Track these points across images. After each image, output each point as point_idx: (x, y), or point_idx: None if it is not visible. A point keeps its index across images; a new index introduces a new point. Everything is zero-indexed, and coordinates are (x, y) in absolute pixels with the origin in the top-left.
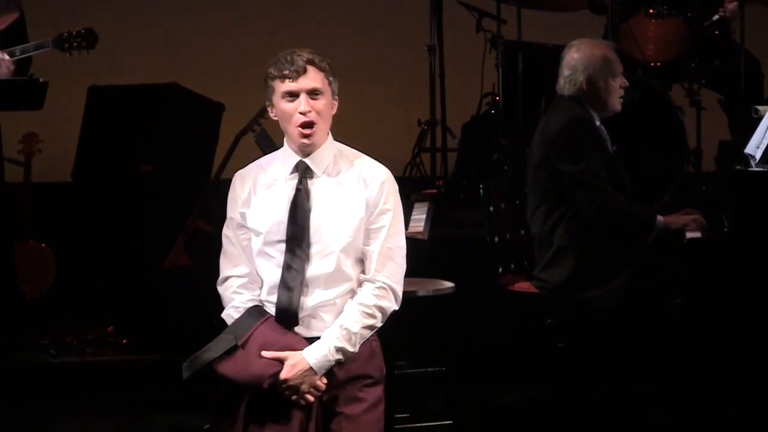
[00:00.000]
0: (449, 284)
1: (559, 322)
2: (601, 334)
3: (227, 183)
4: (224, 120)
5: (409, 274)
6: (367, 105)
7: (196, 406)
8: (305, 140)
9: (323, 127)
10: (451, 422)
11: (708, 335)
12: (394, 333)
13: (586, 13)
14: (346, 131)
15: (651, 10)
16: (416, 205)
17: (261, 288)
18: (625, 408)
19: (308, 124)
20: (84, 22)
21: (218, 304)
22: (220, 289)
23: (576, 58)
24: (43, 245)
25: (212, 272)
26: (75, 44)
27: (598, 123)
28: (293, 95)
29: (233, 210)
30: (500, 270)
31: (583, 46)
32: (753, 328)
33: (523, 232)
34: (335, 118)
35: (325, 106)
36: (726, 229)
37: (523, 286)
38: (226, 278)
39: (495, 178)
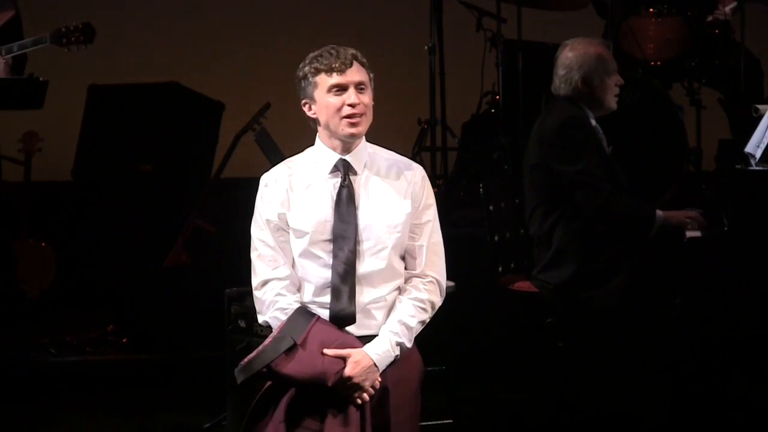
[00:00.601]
0: (449, 283)
1: (559, 321)
2: (601, 333)
3: (227, 182)
4: (224, 119)
5: None
6: None
7: (196, 405)
8: (353, 129)
9: (369, 120)
10: (451, 421)
11: (708, 334)
12: None
13: (586, 11)
14: None
15: (651, 9)
16: None
17: (300, 290)
18: (625, 407)
19: (355, 115)
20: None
21: (218, 304)
22: (259, 293)
23: (570, 57)
24: (43, 244)
25: (212, 271)
26: (73, 39)
27: (593, 123)
28: (342, 88)
29: (270, 212)
30: (500, 269)
31: (577, 45)
32: (753, 327)
33: (523, 231)
34: None
35: (370, 101)
36: (726, 229)
37: (523, 285)
38: (266, 281)
39: (495, 177)
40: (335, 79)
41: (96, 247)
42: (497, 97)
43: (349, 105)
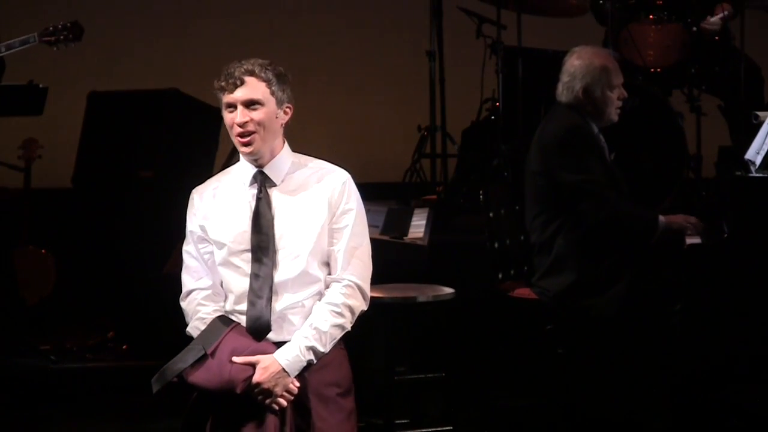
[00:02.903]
0: (449, 290)
1: (559, 328)
2: (601, 340)
3: None
4: (224, 125)
5: (408, 279)
6: (368, 111)
7: None
8: (244, 149)
9: (265, 136)
10: (450, 428)
11: (708, 341)
12: (394, 338)
13: (585, 18)
14: (346, 137)
15: (651, 16)
16: (416, 211)
17: (225, 300)
18: (626, 414)
19: (244, 134)
20: (84, 28)
21: None
22: (184, 303)
23: (575, 66)
24: (43, 251)
25: None
26: (62, 37)
27: (596, 131)
28: (232, 106)
29: (193, 224)
30: (500, 276)
31: (584, 54)
32: (753, 333)
33: (523, 238)
34: (335, 123)
35: (266, 116)
36: (726, 235)
37: (523, 291)
38: (189, 292)
39: (495, 184)
40: (226, 98)
41: (96, 253)
42: (497, 103)
43: (238, 124)
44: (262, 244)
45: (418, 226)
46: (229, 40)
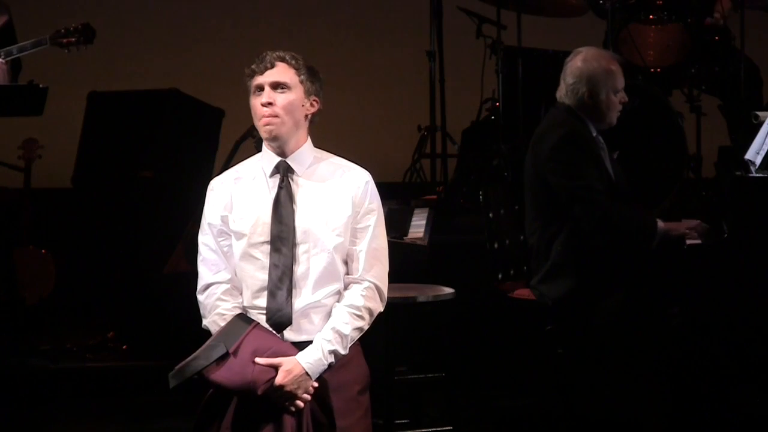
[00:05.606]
0: (449, 290)
1: (559, 329)
2: (602, 341)
3: None
4: (224, 125)
5: (408, 279)
6: (368, 111)
7: (196, 412)
8: (267, 127)
9: (288, 121)
10: (451, 428)
11: (708, 341)
12: (395, 338)
13: (585, 18)
14: (346, 136)
15: (651, 16)
16: (416, 211)
17: (242, 295)
18: (626, 414)
19: (269, 115)
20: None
21: None
22: (201, 297)
23: (581, 68)
24: (44, 251)
25: None
26: (73, 40)
27: (594, 134)
28: (260, 88)
29: (213, 216)
30: (500, 276)
31: (590, 56)
32: (753, 334)
33: (522, 238)
34: (335, 123)
35: (291, 102)
36: (726, 235)
37: (523, 292)
38: (208, 285)
39: (495, 184)
40: (256, 80)
41: (96, 253)
42: (497, 103)
43: (262, 105)
44: (282, 234)
45: (418, 226)
46: (229, 40)
